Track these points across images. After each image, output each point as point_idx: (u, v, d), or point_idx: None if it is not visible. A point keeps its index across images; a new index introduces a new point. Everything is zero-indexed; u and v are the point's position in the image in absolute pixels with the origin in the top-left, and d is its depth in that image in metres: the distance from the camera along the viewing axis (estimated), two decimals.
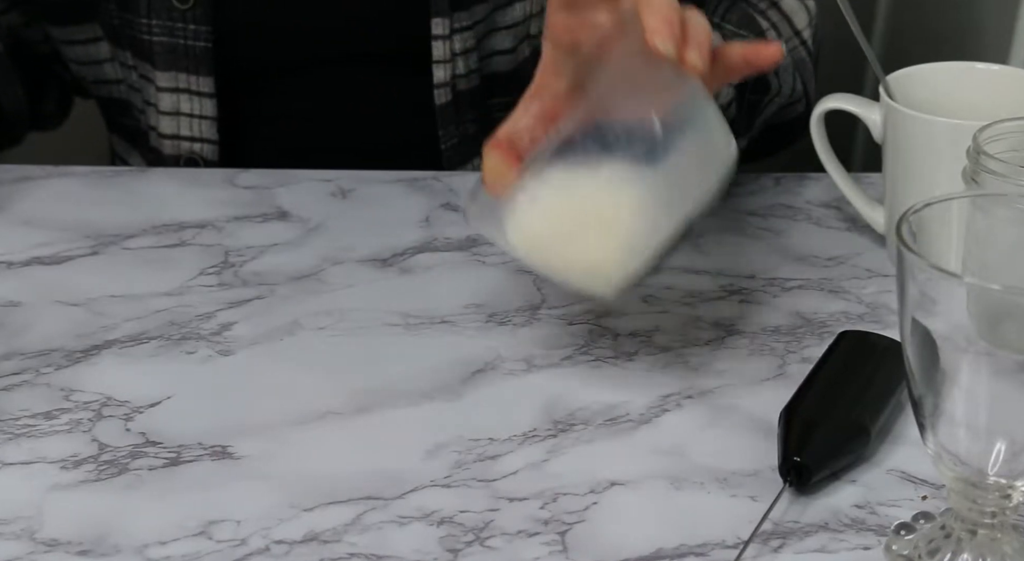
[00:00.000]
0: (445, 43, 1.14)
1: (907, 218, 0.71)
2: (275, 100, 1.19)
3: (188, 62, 1.14)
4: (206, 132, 1.16)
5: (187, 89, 1.15)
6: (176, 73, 1.14)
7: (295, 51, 1.17)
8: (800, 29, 1.12)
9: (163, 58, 1.14)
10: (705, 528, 0.79)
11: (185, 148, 1.17)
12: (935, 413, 0.72)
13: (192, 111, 1.15)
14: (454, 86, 1.16)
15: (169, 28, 1.13)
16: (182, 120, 1.15)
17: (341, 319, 0.96)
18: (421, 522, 0.79)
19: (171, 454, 0.84)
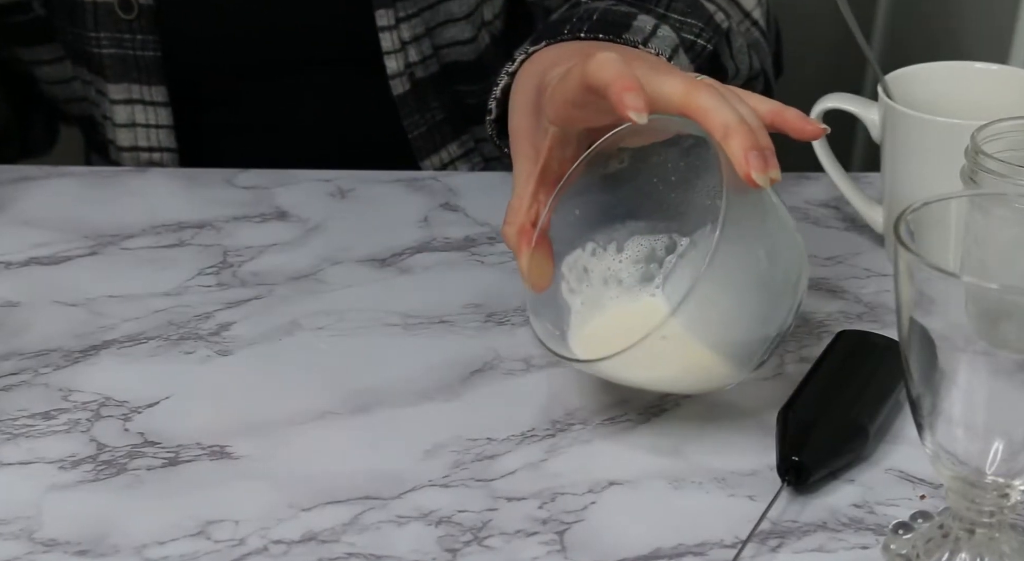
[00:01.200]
0: (393, 33, 1.14)
1: (905, 217, 0.71)
2: (233, 107, 1.19)
3: (139, 73, 1.14)
4: (164, 141, 1.16)
5: (140, 100, 1.15)
6: (128, 84, 1.14)
7: (245, 57, 1.17)
8: (749, 10, 1.11)
9: (114, 70, 1.14)
10: (703, 527, 0.79)
11: (144, 159, 1.17)
12: (933, 412, 0.72)
13: (148, 121, 1.15)
14: (411, 75, 1.16)
15: (117, 40, 1.13)
16: (139, 131, 1.16)
17: (340, 319, 0.96)
18: (419, 522, 0.79)
19: (169, 454, 0.84)
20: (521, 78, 0.90)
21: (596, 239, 0.88)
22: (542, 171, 0.86)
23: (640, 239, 0.88)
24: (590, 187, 0.87)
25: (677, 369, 0.81)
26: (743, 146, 0.79)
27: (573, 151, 0.86)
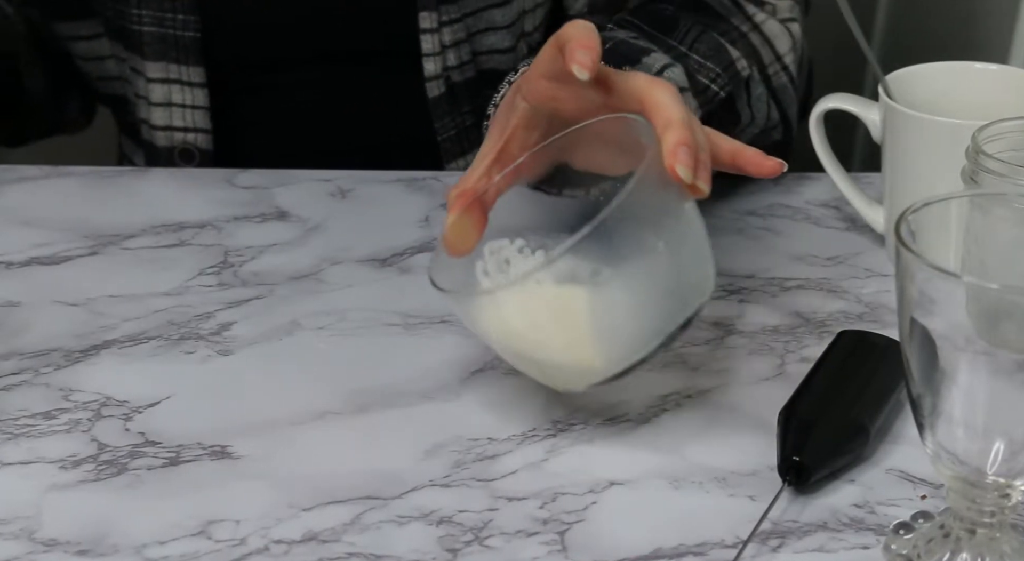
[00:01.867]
0: (434, 36, 1.14)
1: (906, 218, 0.71)
2: (267, 96, 1.20)
3: (177, 53, 1.14)
4: (199, 122, 1.16)
5: (177, 79, 1.15)
6: (166, 63, 1.15)
7: (283, 47, 1.17)
8: (782, 54, 1.11)
9: (153, 48, 1.14)
10: (704, 528, 0.79)
11: (179, 139, 1.17)
12: (934, 412, 0.72)
13: (184, 101, 1.15)
14: (447, 78, 1.16)
15: (159, 18, 1.13)
16: (174, 110, 1.16)
17: (340, 319, 0.96)
18: (420, 522, 0.79)
19: (170, 454, 0.84)
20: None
21: (529, 239, 0.88)
22: (502, 150, 0.87)
23: (569, 258, 0.82)
24: (551, 193, 0.88)
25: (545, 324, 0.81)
26: (678, 140, 0.80)
27: (537, 138, 0.87)
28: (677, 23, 1.06)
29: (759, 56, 1.09)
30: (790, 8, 1.13)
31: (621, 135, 0.84)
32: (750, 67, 1.07)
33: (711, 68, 1.04)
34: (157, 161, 1.19)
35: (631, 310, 0.82)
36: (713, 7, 1.10)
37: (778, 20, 1.12)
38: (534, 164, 0.88)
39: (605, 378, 0.83)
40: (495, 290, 0.82)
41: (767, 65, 1.09)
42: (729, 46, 1.06)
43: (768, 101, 1.09)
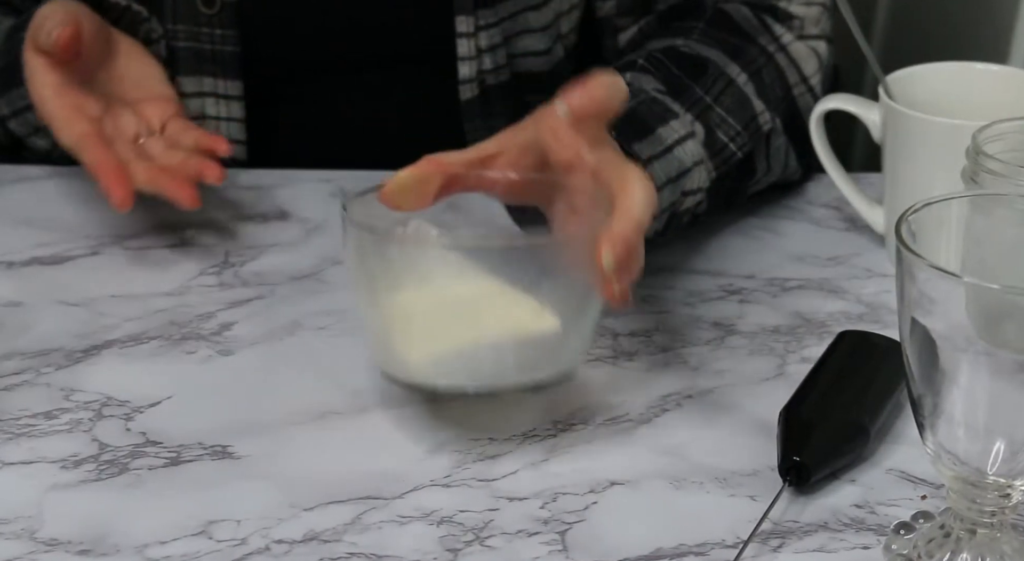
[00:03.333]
0: (471, 40, 1.14)
1: (906, 218, 0.71)
2: (301, 104, 1.19)
3: (215, 67, 1.14)
4: (234, 134, 1.16)
5: (213, 93, 1.15)
6: (201, 77, 1.14)
7: (319, 56, 1.17)
8: (808, 75, 1.11)
9: (187, 63, 1.14)
10: (705, 528, 0.79)
11: None
12: (934, 413, 0.72)
13: (218, 114, 1.15)
14: (482, 81, 1.16)
15: (194, 33, 1.13)
16: (208, 123, 1.15)
17: (341, 319, 0.96)
18: (421, 522, 0.80)
19: (171, 454, 0.85)
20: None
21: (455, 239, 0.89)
22: (494, 157, 0.88)
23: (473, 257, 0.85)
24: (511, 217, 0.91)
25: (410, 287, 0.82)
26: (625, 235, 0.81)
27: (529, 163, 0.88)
28: (706, 68, 1.05)
29: (785, 78, 1.09)
30: (817, 18, 1.12)
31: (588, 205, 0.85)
32: (773, 120, 1.07)
33: (732, 125, 1.03)
34: None
35: (476, 331, 0.82)
36: (740, 26, 1.09)
37: (806, 38, 1.11)
38: (511, 187, 0.88)
39: (413, 380, 0.84)
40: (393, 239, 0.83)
41: (792, 85, 1.09)
42: (754, 98, 1.06)
43: (787, 151, 1.09)
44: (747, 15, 1.11)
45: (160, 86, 1.09)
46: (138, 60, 1.09)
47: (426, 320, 0.82)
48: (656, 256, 1.04)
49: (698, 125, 1.01)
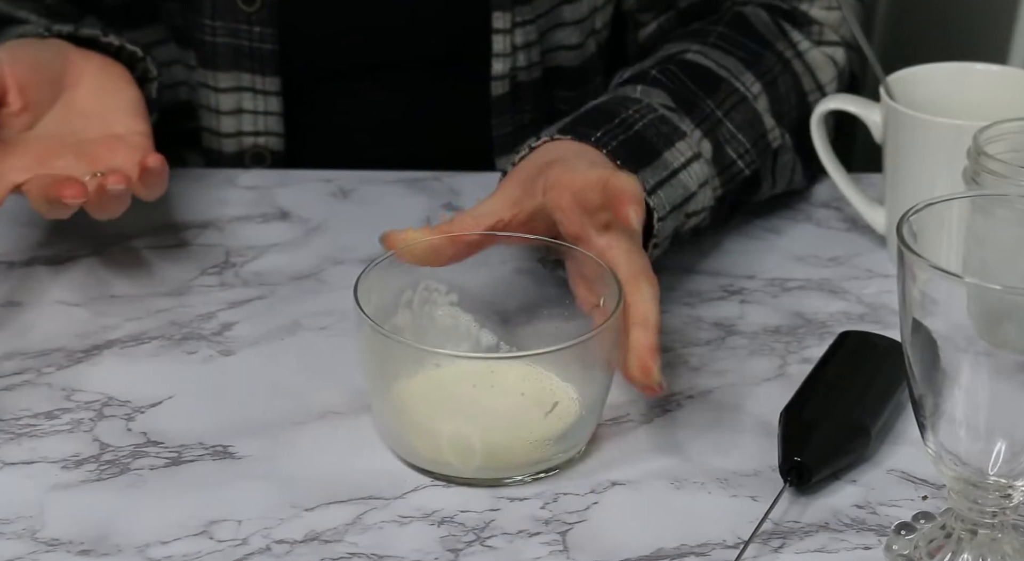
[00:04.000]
0: (506, 37, 1.13)
1: (908, 219, 0.72)
2: (336, 100, 1.19)
3: (252, 63, 1.13)
4: (271, 127, 1.16)
5: (251, 88, 1.14)
6: (239, 73, 1.14)
7: (357, 55, 1.17)
8: (824, 83, 1.10)
9: (226, 59, 1.13)
10: (706, 528, 0.79)
11: (249, 143, 1.16)
12: (935, 413, 0.72)
13: (256, 108, 1.15)
14: (514, 78, 1.15)
15: (233, 30, 1.13)
16: (244, 117, 1.15)
17: (342, 319, 0.96)
18: (422, 522, 0.80)
19: (172, 454, 0.85)
20: (537, 153, 0.94)
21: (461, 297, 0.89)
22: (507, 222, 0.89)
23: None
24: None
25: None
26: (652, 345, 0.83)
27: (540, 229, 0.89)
28: (720, 82, 1.05)
29: (800, 85, 1.09)
30: (838, 24, 1.12)
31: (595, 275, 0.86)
32: (782, 136, 1.07)
33: (742, 141, 1.03)
34: (220, 164, 1.18)
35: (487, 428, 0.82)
36: (758, 31, 1.09)
37: (825, 44, 1.11)
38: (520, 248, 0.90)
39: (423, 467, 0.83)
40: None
41: (807, 93, 1.09)
42: (765, 114, 1.06)
43: (794, 167, 1.09)
44: (766, 20, 1.11)
45: (126, 121, 1.00)
46: (105, 94, 1.02)
47: (431, 409, 0.82)
48: None
49: (706, 143, 1.01)
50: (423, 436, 0.82)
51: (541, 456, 0.82)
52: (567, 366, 0.82)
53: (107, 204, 0.94)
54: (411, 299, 0.88)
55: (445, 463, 0.82)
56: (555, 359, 0.82)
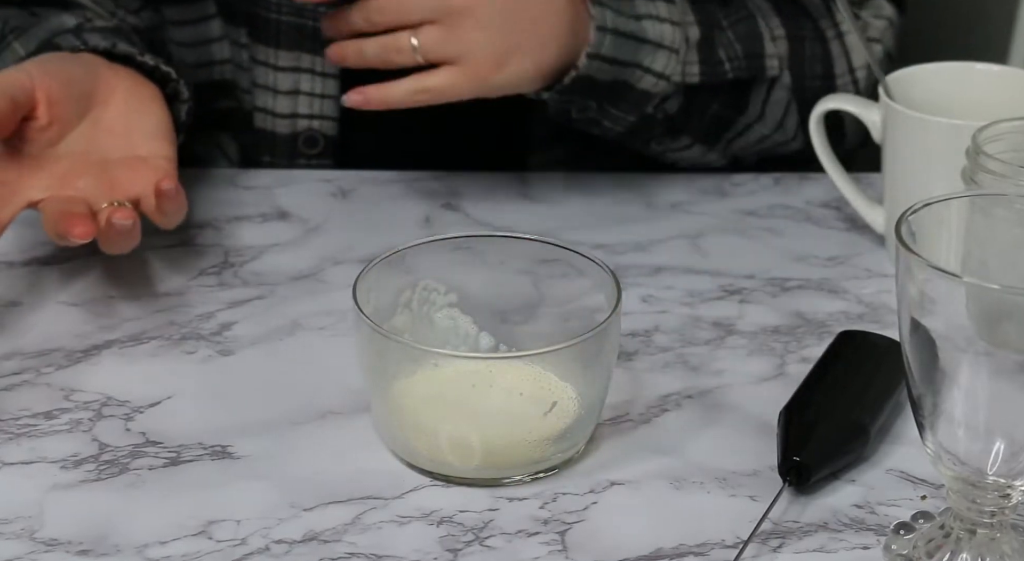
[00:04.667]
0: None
1: (906, 218, 0.72)
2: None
3: (315, 44, 1.13)
4: (327, 110, 1.15)
5: (310, 69, 1.14)
6: (300, 53, 1.13)
7: None
8: (856, 67, 1.12)
9: (288, 38, 1.13)
10: (705, 528, 0.79)
11: (303, 125, 1.16)
12: (934, 413, 0.72)
13: (312, 90, 1.15)
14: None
15: (298, 8, 1.12)
16: (301, 99, 1.15)
17: (341, 319, 0.96)
18: (421, 522, 0.80)
19: (171, 454, 0.85)
20: None
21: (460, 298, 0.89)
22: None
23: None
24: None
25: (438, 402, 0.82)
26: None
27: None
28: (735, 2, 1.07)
29: (830, 59, 1.09)
30: (882, 31, 1.14)
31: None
32: (781, 70, 1.08)
33: (735, 48, 1.05)
34: (273, 150, 1.17)
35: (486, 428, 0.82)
36: (804, 4, 1.09)
37: (864, 37, 1.12)
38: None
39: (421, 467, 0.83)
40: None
41: (838, 75, 1.10)
42: (768, 42, 1.06)
43: (787, 109, 1.09)
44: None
45: (151, 144, 0.99)
46: (133, 114, 1.00)
47: (430, 409, 0.82)
48: (656, 256, 1.04)
49: (694, 29, 1.02)
50: (422, 436, 0.82)
51: (540, 456, 0.82)
52: (566, 366, 0.82)
53: (115, 238, 0.94)
54: (410, 299, 0.88)
55: (444, 463, 0.82)
56: (554, 359, 0.82)
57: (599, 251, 1.03)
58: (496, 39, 1.01)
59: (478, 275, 0.89)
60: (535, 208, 1.11)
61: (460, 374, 0.81)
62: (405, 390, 0.82)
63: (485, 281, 0.89)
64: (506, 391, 0.81)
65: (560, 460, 0.83)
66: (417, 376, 0.82)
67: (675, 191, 1.13)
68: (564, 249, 0.88)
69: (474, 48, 1.01)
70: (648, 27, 1.04)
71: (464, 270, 0.89)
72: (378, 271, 0.85)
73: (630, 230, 1.08)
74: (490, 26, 1.01)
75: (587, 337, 0.81)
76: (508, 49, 1.01)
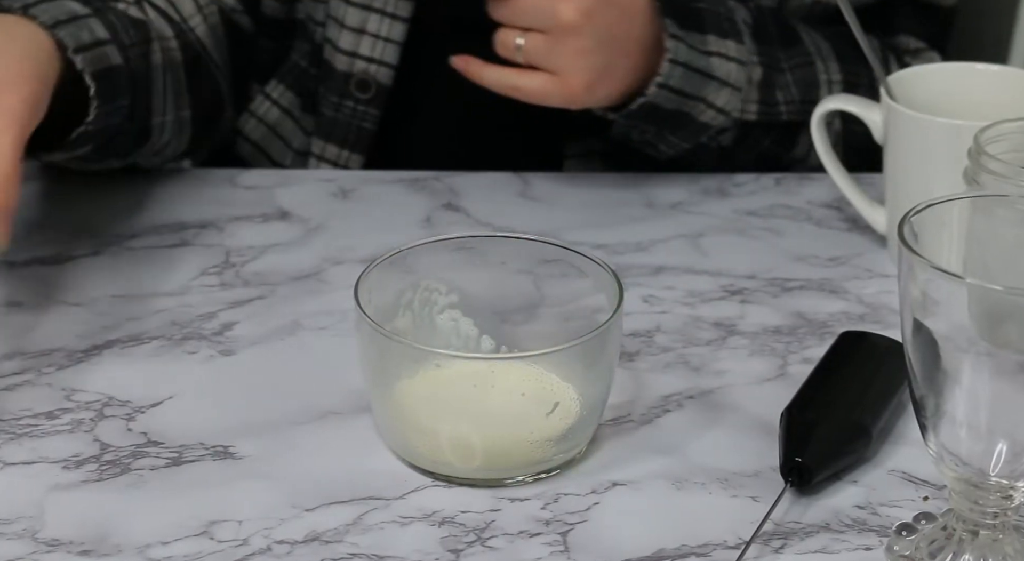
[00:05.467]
0: None
1: (909, 219, 0.72)
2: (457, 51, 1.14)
3: (384, 3, 1.13)
4: (388, 56, 1.15)
5: (380, 9, 1.14)
6: (368, 13, 1.13)
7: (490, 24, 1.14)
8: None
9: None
10: (706, 528, 0.79)
11: (360, 67, 1.15)
12: (936, 413, 0.72)
13: (379, 32, 1.14)
14: None
15: None
16: (365, 38, 1.14)
17: (342, 319, 0.96)
18: (422, 522, 0.80)
19: (173, 454, 0.84)
20: None
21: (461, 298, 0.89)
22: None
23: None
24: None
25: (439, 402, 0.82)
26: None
27: None
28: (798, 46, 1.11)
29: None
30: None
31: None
32: (832, 118, 1.11)
33: (793, 93, 1.09)
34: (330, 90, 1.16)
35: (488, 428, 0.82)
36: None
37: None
38: None
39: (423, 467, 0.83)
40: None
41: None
42: (824, 89, 1.11)
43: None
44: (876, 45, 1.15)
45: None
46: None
47: (432, 410, 0.82)
48: (657, 256, 1.04)
49: (758, 69, 1.06)
50: (424, 436, 0.82)
51: (542, 456, 0.82)
52: (568, 366, 0.82)
53: None
54: (411, 300, 0.88)
55: (446, 463, 0.82)
56: (556, 359, 0.82)
57: (600, 251, 1.03)
58: (594, 62, 1.04)
59: (479, 275, 0.89)
60: (536, 208, 1.11)
61: (462, 375, 0.81)
62: (407, 391, 0.82)
63: (486, 281, 0.89)
64: (508, 392, 0.81)
65: (562, 461, 0.83)
66: (419, 377, 0.82)
67: (676, 191, 1.13)
68: (565, 249, 0.88)
69: (572, 66, 1.04)
70: (716, 64, 1.07)
71: (465, 270, 0.89)
72: (379, 271, 0.85)
73: (631, 230, 1.08)
74: (592, 50, 1.04)
75: (589, 337, 0.81)
76: (601, 74, 1.05)
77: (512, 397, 0.81)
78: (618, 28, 1.05)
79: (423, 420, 0.82)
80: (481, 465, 0.82)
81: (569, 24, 1.03)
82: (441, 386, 0.81)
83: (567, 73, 1.04)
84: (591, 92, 1.06)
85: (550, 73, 1.05)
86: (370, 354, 0.83)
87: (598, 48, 1.04)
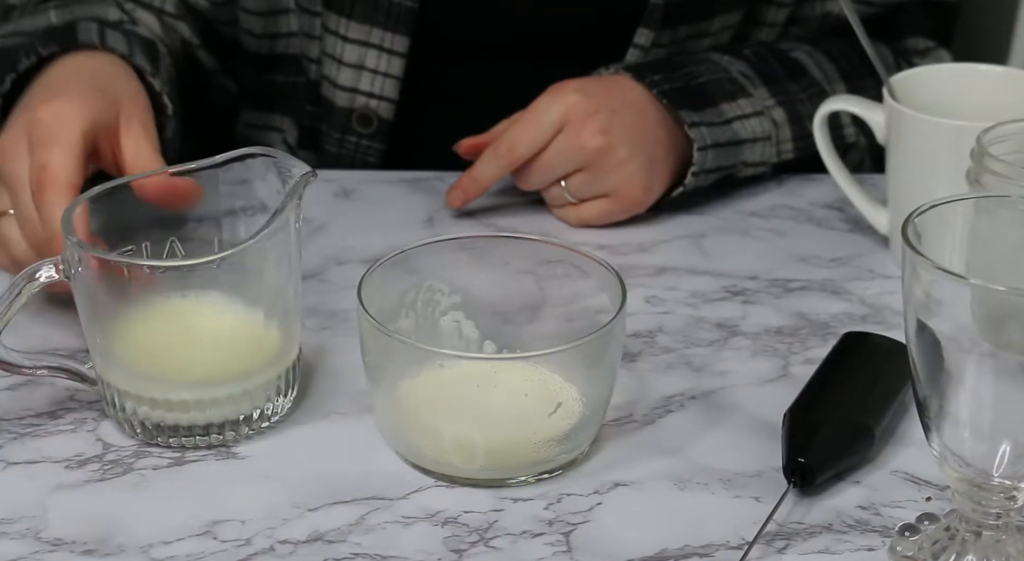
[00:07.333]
0: (641, 52, 1.14)
1: (912, 220, 0.72)
2: (456, 79, 1.18)
3: (387, 19, 1.13)
4: (387, 90, 1.15)
5: (378, 45, 1.14)
6: (371, 27, 1.13)
7: (492, 35, 1.16)
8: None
9: (362, 9, 1.13)
10: (709, 529, 0.79)
11: (360, 103, 1.16)
12: (940, 414, 0.72)
13: (377, 67, 1.14)
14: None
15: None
16: (364, 74, 1.15)
17: (344, 319, 0.96)
18: (425, 522, 0.80)
19: (176, 454, 0.84)
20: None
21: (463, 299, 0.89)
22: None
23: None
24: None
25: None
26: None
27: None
28: (806, 76, 1.14)
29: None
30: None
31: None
32: (858, 137, 1.14)
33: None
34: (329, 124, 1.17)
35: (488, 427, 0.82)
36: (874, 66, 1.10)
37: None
38: None
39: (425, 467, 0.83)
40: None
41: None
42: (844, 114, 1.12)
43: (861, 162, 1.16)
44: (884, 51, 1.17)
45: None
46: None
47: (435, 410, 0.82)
48: (659, 256, 1.04)
49: (779, 110, 1.09)
50: (426, 437, 0.82)
51: (544, 457, 0.82)
52: (570, 367, 0.82)
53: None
54: (414, 300, 0.88)
55: (448, 464, 0.82)
56: (558, 360, 0.82)
57: (602, 252, 1.03)
58: (638, 165, 1.07)
59: (482, 276, 0.89)
60: (538, 208, 1.11)
61: (465, 375, 0.81)
62: (410, 391, 0.82)
63: (489, 282, 0.89)
64: (510, 392, 0.81)
65: (565, 461, 0.83)
66: (422, 377, 0.82)
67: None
68: (568, 250, 0.88)
69: (622, 180, 1.07)
70: (739, 128, 1.09)
71: (468, 271, 0.89)
72: (382, 272, 0.85)
73: (633, 231, 1.08)
74: (629, 157, 1.07)
75: (592, 338, 0.81)
76: (649, 171, 1.08)
77: (515, 397, 0.81)
78: (637, 127, 1.07)
79: (426, 420, 0.82)
80: (484, 465, 0.82)
81: (598, 149, 1.06)
82: (444, 386, 0.81)
83: (621, 188, 1.07)
84: (650, 192, 1.08)
85: (606, 197, 1.07)
86: (373, 354, 0.83)
87: (633, 152, 1.07)
